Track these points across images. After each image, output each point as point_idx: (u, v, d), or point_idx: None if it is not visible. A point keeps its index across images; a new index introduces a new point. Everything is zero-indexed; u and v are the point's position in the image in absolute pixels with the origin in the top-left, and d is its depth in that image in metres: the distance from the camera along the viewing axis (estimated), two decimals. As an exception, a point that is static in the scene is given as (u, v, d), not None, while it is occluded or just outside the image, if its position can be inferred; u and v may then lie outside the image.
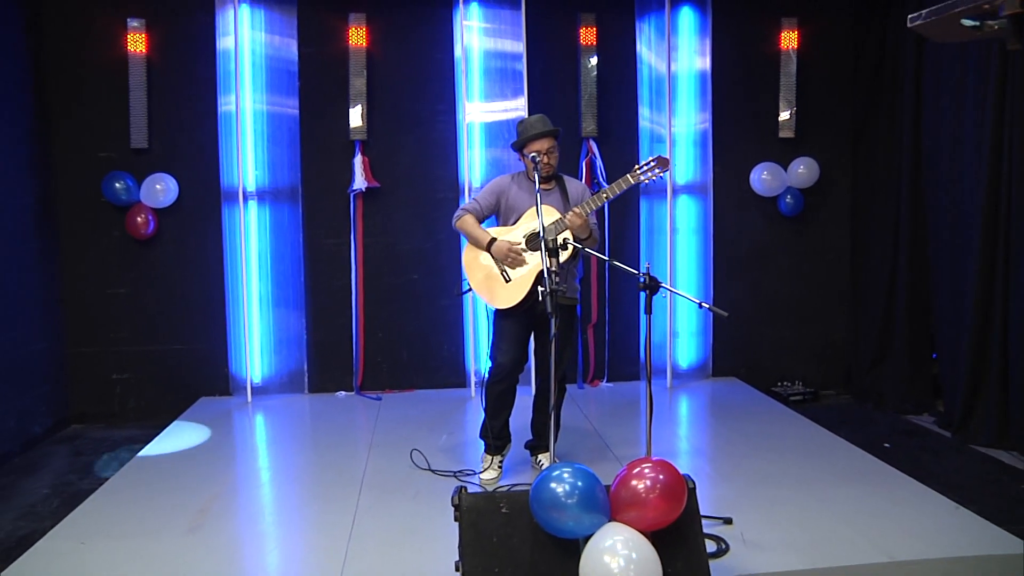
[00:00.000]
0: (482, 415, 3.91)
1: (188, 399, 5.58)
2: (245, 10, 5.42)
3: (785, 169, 5.91)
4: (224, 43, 5.42)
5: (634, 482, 2.34)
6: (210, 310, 5.63)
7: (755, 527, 3.24)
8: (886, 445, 4.76)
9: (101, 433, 5.38)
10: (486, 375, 3.86)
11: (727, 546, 3.02)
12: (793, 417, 5.02)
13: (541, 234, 3.29)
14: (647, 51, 5.80)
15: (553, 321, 3.06)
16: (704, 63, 5.83)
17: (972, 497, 3.70)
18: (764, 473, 3.93)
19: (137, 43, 5.35)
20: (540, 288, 3.11)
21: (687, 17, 5.80)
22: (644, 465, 2.37)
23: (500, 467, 3.92)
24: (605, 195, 3.62)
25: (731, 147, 5.93)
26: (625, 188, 3.62)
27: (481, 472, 3.90)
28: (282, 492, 3.90)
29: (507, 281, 3.67)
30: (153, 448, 4.55)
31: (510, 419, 3.96)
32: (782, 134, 5.92)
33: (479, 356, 5.75)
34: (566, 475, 2.32)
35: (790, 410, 5.22)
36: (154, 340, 5.64)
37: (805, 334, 6.15)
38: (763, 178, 5.88)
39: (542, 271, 3.57)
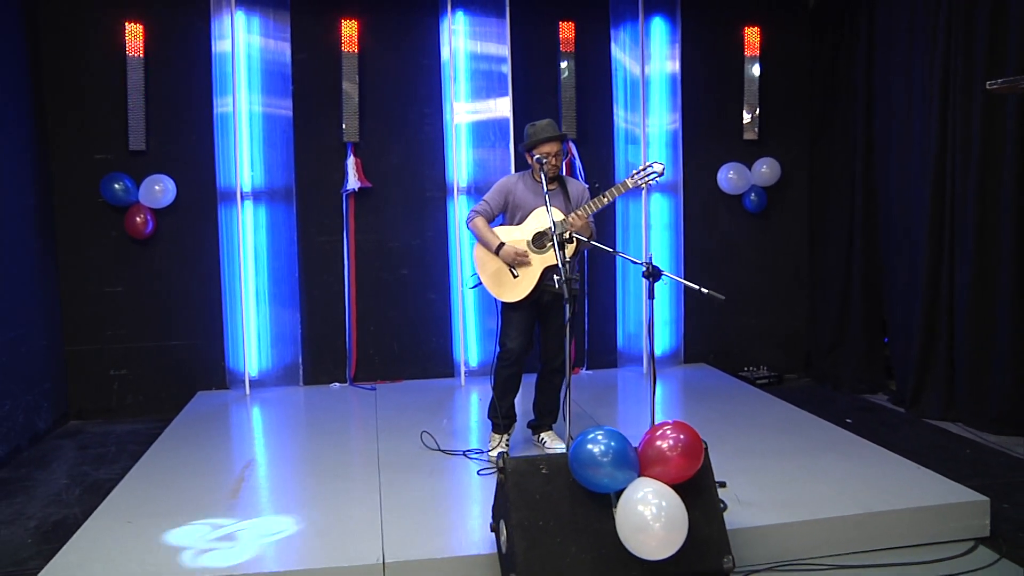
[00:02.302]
0: (486, 399, 4.21)
1: (185, 394, 5.75)
2: (240, 15, 5.61)
3: (749, 168, 6.35)
4: (220, 47, 5.60)
5: (659, 442, 2.68)
6: (207, 307, 5.81)
7: (745, 489, 3.61)
8: (848, 421, 5.20)
9: (102, 428, 5.52)
10: (495, 360, 4.16)
11: (725, 505, 3.37)
12: (765, 397, 5.45)
13: (552, 230, 3.63)
14: (622, 56, 6.18)
15: (568, 307, 3.39)
16: (674, 67, 6.22)
17: (927, 461, 4.12)
18: (746, 446, 4.32)
19: (134, 47, 5.50)
20: (556, 277, 3.44)
21: (658, 25, 6.19)
22: (667, 427, 2.72)
23: (507, 445, 4.24)
24: (606, 198, 3.96)
25: (699, 148, 6.35)
26: (624, 191, 3.97)
27: (490, 450, 4.21)
28: (306, 472, 4.11)
29: (515, 277, 3.99)
30: (166, 439, 4.73)
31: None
32: (746, 136, 6.36)
33: (467, 347, 6.05)
34: (600, 437, 2.66)
35: (761, 391, 5.65)
36: (151, 337, 5.79)
37: (769, 322, 6.60)
38: (729, 177, 6.32)
39: (547, 267, 3.95)
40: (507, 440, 4.25)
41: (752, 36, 6.28)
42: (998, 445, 4.70)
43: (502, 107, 5.92)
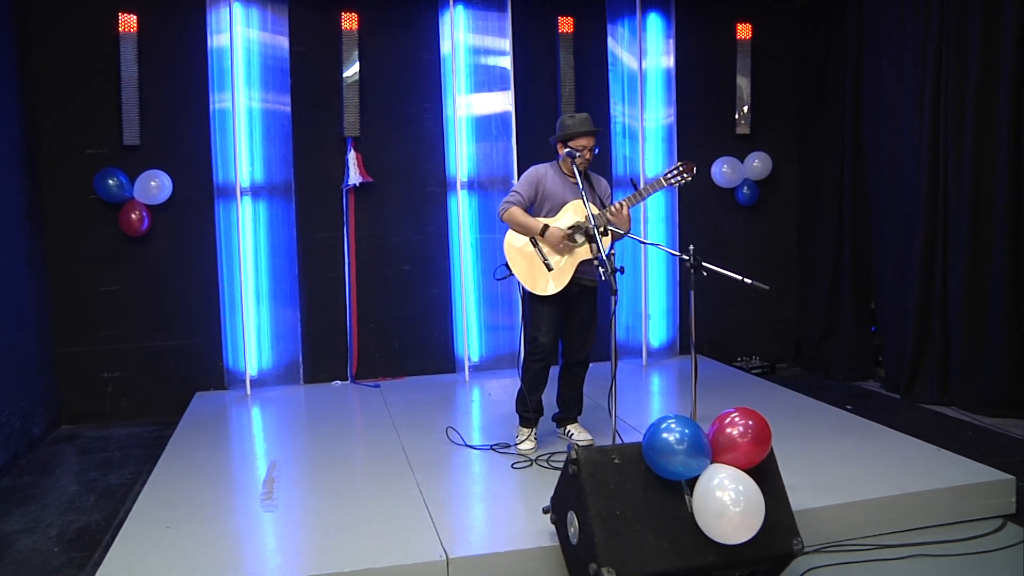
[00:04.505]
0: (491, 393, 4.17)
1: (182, 395, 5.59)
2: (238, 7, 5.48)
3: (742, 162, 6.47)
4: (217, 40, 5.48)
5: (729, 429, 2.73)
6: (204, 306, 5.67)
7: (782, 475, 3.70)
8: (848, 407, 5.35)
9: (99, 432, 5.34)
10: (525, 354, 4.16)
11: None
12: (768, 386, 5.58)
13: (592, 223, 3.67)
14: (620, 51, 6.23)
15: (614, 298, 3.42)
16: (669, 62, 6.30)
17: (936, 443, 4.27)
18: (766, 432, 4.41)
19: (128, 38, 5.33)
20: (601, 269, 3.47)
21: (654, 21, 6.26)
22: (735, 415, 2.77)
23: (536, 439, 4.24)
24: (639, 196, 4.01)
25: (694, 142, 6.43)
26: (658, 189, 4.04)
27: (519, 443, 4.21)
28: (336, 471, 4.01)
29: (549, 269, 3.99)
30: (177, 441, 4.60)
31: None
32: (739, 130, 6.48)
33: (469, 342, 6.04)
34: (674, 426, 2.69)
35: (763, 380, 5.77)
36: (146, 337, 5.63)
37: (760, 313, 6.72)
38: (723, 171, 6.43)
39: (582, 261, 3.98)
40: (535, 434, 4.25)
41: (744, 33, 6.39)
42: (995, 427, 4.89)
43: (504, 101, 5.92)
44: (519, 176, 5.80)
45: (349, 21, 5.67)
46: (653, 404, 5.41)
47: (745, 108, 6.46)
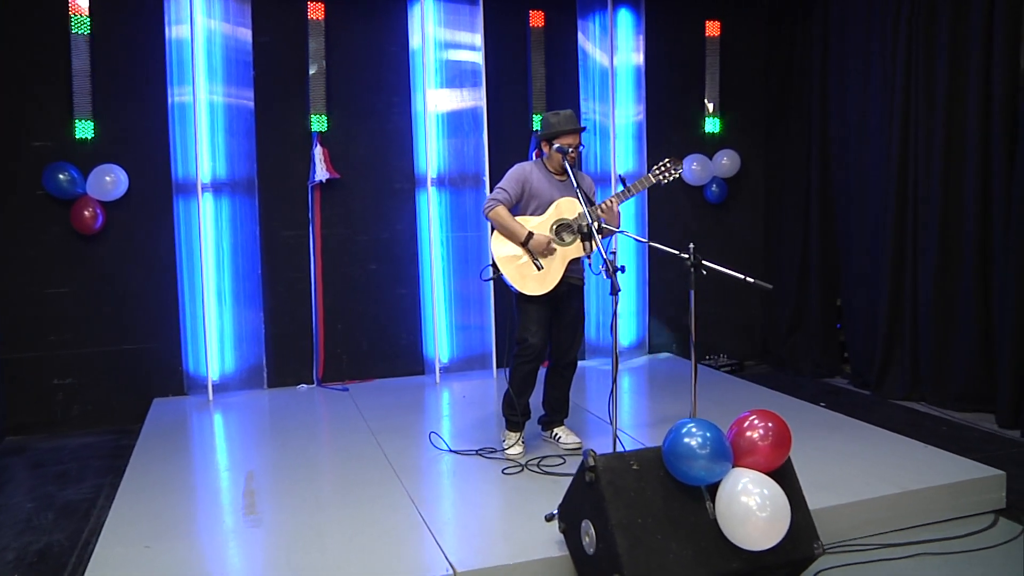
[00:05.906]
0: (463, 395, 4.03)
1: (138, 402, 5.29)
2: (198, -5, 5.22)
3: (711, 160, 6.47)
4: (176, 31, 5.21)
5: (749, 432, 2.67)
6: (163, 308, 5.39)
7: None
8: (822, 404, 5.38)
9: (50, 443, 5.00)
10: (513, 356, 4.03)
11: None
12: (744, 384, 5.57)
13: (588, 220, 3.58)
14: (590, 47, 6.16)
15: (615, 298, 3.33)
16: (639, 59, 6.26)
17: (911, 439, 4.30)
18: (752, 431, 4.38)
19: (80, 24, 5.00)
20: (602, 267, 3.37)
21: (624, 17, 6.21)
22: (754, 417, 2.70)
23: (523, 443, 4.12)
24: (627, 193, 3.93)
25: (663, 140, 6.40)
26: (647, 186, 3.97)
27: (507, 448, 4.08)
28: (319, 481, 3.84)
29: (539, 269, 3.88)
30: (142, 452, 4.33)
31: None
32: (707, 128, 6.48)
33: (439, 343, 5.88)
34: (695, 430, 2.61)
35: (735, 378, 5.77)
36: (100, 341, 5.31)
37: (727, 311, 6.73)
38: (693, 168, 6.41)
39: (572, 260, 3.89)
40: (522, 437, 4.14)
41: (712, 29, 6.39)
42: (966, 421, 4.97)
43: (475, 96, 5.78)
44: (491, 173, 5.72)
45: (315, 11, 5.46)
46: (625, 403, 5.32)
47: (711, 106, 6.46)
